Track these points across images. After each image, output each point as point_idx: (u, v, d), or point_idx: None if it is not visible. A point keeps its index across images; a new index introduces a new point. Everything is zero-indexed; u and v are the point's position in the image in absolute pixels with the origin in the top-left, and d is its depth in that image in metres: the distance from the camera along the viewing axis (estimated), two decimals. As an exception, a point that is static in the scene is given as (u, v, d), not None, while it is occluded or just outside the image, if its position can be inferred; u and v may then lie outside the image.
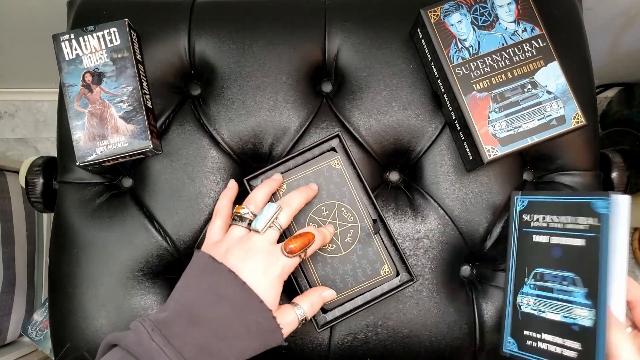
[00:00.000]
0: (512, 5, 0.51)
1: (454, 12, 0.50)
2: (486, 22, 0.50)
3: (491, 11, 0.51)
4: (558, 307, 0.46)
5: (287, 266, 0.41)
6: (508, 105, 0.49)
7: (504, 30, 0.50)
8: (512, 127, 0.49)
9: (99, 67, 0.52)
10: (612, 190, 0.57)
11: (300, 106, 0.55)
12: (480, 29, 0.50)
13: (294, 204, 0.45)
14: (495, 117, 0.49)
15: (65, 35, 0.52)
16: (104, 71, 0.52)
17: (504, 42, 0.50)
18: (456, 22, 0.50)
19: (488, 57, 0.50)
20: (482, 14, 0.50)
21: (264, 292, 0.39)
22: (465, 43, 0.50)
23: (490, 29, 0.50)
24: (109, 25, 0.52)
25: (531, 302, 0.48)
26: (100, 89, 0.52)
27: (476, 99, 0.49)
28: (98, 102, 0.52)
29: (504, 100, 0.50)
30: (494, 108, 0.49)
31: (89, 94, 0.52)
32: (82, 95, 0.52)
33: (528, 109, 0.50)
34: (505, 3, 0.51)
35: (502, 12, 0.51)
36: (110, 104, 0.52)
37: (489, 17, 0.50)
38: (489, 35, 0.50)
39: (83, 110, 0.52)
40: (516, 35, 0.50)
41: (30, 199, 0.57)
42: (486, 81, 0.50)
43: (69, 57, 0.52)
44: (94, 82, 0.52)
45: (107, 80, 0.52)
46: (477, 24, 0.50)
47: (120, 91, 0.52)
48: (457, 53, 0.50)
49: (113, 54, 0.52)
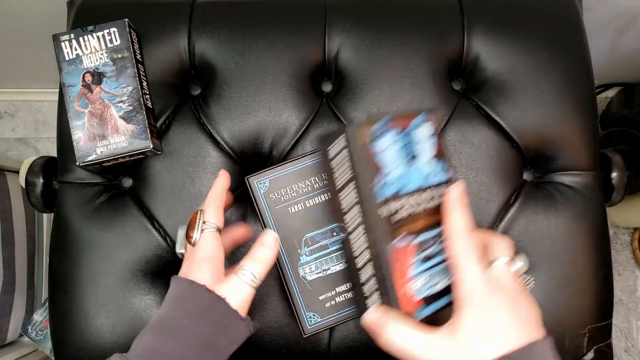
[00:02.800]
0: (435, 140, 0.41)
1: (382, 137, 0.38)
2: (411, 154, 0.39)
3: (418, 143, 0.40)
4: (339, 257, 0.48)
5: (201, 242, 0.41)
6: (430, 256, 0.39)
7: (427, 165, 0.40)
8: (431, 285, 0.39)
9: (99, 67, 0.52)
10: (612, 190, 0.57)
11: (300, 106, 0.55)
12: (408, 161, 0.39)
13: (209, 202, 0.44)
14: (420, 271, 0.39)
15: (65, 35, 0.52)
16: (104, 71, 0.52)
17: (427, 179, 0.40)
18: (381, 151, 0.38)
19: (413, 196, 0.39)
20: (409, 145, 0.40)
21: (190, 274, 0.40)
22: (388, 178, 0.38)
23: (415, 162, 0.40)
24: (109, 25, 0.52)
25: (313, 267, 0.48)
26: (100, 89, 0.52)
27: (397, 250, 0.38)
28: (98, 102, 0.52)
29: (426, 250, 0.39)
30: (418, 259, 0.39)
31: (89, 94, 0.52)
32: (82, 95, 0.52)
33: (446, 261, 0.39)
34: (430, 135, 0.41)
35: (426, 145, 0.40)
36: (110, 104, 0.51)
37: (414, 150, 0.40)
38: (415, 170, 0.39)
39: (83, 110, 0.52)
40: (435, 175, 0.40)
41: (30, 199, 0.57)
42: (410, 225, 0.39)
43: (69, 57, 0.52)
44: (94, 82, 0.52)
45: (107, 80, 0.52)
46: (405, 156, 0.39)
47: (120, 91, 0.52)
48: (380, 189, 0.38)
49: (113, 54, 0.52)
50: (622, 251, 1.15)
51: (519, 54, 0.56)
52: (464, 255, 0.36)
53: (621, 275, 1.14)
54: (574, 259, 0.54)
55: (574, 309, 0.53)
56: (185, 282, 0.40)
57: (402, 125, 0.40)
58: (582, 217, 0.54)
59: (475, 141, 0.55)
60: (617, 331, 1.12)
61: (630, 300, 1.13)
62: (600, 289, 0.55)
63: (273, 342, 0.52)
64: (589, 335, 0.53)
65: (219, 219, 0.43)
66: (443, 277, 0.40)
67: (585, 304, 0.54)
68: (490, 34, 0.57)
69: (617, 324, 1.12)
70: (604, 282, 0.55)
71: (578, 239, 0.54)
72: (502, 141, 0.55)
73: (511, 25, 0.57)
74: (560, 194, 0.55)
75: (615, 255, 1.14)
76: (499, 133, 0.55)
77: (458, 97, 0.56)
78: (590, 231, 0.55)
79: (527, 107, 0.55)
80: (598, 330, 0.54)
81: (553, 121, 0.55)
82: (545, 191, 0.55)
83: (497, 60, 0.56)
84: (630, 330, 1.12)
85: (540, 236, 0.54)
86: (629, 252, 1.15)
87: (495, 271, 0.36)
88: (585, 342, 0.53)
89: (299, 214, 0.49)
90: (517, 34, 0.57)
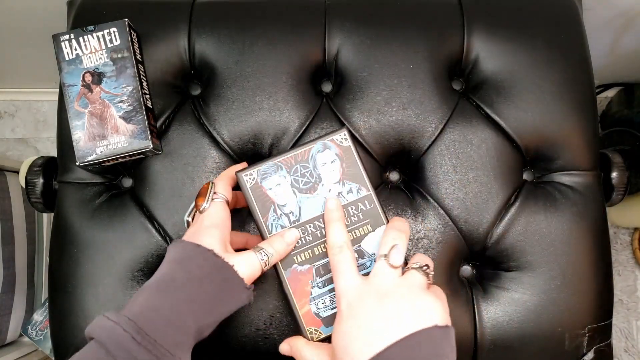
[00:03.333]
0: (337, 164, 0.44)
1: (272, 174, 0.44)
2: (308, 184, 0.44)
3: (313, 171, 0.44)
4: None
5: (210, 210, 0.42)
6: (330, 279, 0.43)
7: (327, 192, 0.44)
8: (331, 307, 0.43)
9: (98, 67, 0.52)
10: (612, 190, 0.57)
11: (300, 106, 0.55)
12: (302, 192, 0.44)
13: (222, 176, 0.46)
14: (319, 293, 0.43)
15: (65, 35, 0.52)
16: (104, 71, 0.52)
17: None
18: (275, 186, 0.44)
19: (310, 224, 0.43)
20: (303, 175, 0.44)
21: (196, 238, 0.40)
22: (284, 209, 0.44)
23: (312, 191, 0.44)
24: (109, 25, 0.52)
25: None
26: (100, 89, 0.52)
27: (297, 273, 0.43)
28: (98, 102, 0.52)
29: (328, 273, 0.43)
30: (317, 283, 0.43)
31: (89, 94, 0.52)
32: (82, 95, 0.52)
33: None
34: (328, 161, 0.44)
35: (325, 171, 0.44)
36: (110, 104, 0.51)
37: (311, 178, 0.44)
38: (312, 199, 0.44)
39: (83, 110, 0.51)
40: (341, 197, 0.44)
41: (30, 199, 0.57)
42: (308, 252, 0.43)
43: (68, 57, 0.52)
44: (93, 82, 0.52)
45: (107, 80, 0.52)
46: (298, 187, 0.44)
47: (120, 91, 0.52)
48: (275, 221, 0.43)
49: (113, 54, 0.52)
50: (622, 251, 1.15)
51: (519, 54, 0.56)
52: (337, 266, 0.39)
53: (621, 275, 1.14)
54: (574, 259, 0.54)
55: (574, 309, 0.53)
56: (190, 245, 0.39)
57: (296, 160, 0.44)
58: (582, 217, 0.54)
59: (475, 141, 0.55)
60: (617, 331, 1.12)
61: (630, 300, 1.13)
62: (600, 289, 0.55)
63: (273, 342, 0.52)
64: (589, 335, 0.53)
65: (229, 193, 0.43)
66: None
67: (585, 304, 0.54)
68: (490, 33, 0.57)
69: (617, 324, 1.12)
70: (604, 282, 0.55)
71: (578, 239, 0.54)
72: (502, 141, 0.55)
73: (511, 25, 0.57)
74: (560, 194, 0.55)
75: (615, 255, 1.14)
76: (499, 133, 0.55)
77: (458, 97, 0.57)
78: (590, 231, 0.55)
79: (527, 107, 0.55)
80: (598, 330, 0.54)
81: (553, 121, 0.55)
82: (545, 191, 0.55)
83: (497, 60, 0.56)
84: (630, 330, 1.12)
85: (540, 236, 0.54)
86: (629, 252, 1.15)
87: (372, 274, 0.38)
88: (585, 342, 0.53)
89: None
90: (517, 34, 0.57)
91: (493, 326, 0.53)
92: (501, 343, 0.53)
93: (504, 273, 0.54)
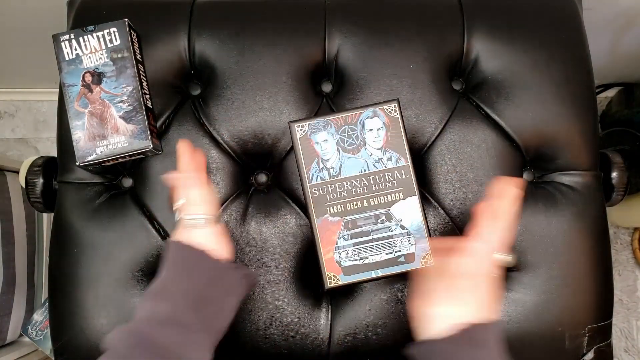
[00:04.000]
0: (382, 132, 0.48)
1: (322, 130, 0.48)
2: (352, 145, 0.48)
3: (360, 134, 0.48)
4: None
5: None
6: (358, 234, 0.48)
7: (368, 156, 0.48)
8: (358, 257, 0.47)
9: (98, 67, 0.52)
10: (612, 190, 0.57)
11: (300, 106, 0.55)
12: (346, 151, 0.48)
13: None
14: (343, 244, 0.48)
15: (65, 35, 0.52)
16: (104, 71, 0.52)
17: (366, 168, 0.48)
18: (322, 141, 0.48)
19: (347, 182, 0.48)
20: (349, 136, 0.48)
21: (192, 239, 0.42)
22: (327, 163, 0.48)
23: (355, 152, 0.48)
24: (109, 25, 0.52)
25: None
26: (100, 89, 0.52)
27: (327, 223, 0.48)
28: (98, 102, 0.52)
29: (355, 228, 0.48)
30: (343, 234, 0.48)
31: (89, 94, 0.52)
32: (82, 95, 0.52)
33: (378, 240, 0.48)
34: (375, 128, 0.48)
35: (370, 137, 0.48)
36: (110, 104, 0.51)
37: (356, 141, 0.48)
38: (353, 159, 0.48)
39: (83, 110, 0.51)
40: (380, 163, 0.48)
41: (30, 199, 0.57)
42: (341, 206, 0.48)
43: (68, 57, 0.52)
44: (93, 82, 0.52)
45: (107, 80, 0.52)
46: (343, 146, 0.48)
47: (120, 91, 0.52)
48: (317, 172, 0.48)
49: (113, 54, 0.52)
50: (622, 251, 1.15)
51: (519, 54, 0.56)
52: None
53: (621, 275, 1.14)
54: (574, 259, 0.54)
55: (574, 309, 0.53)
56: (173, 244, 0.42)
57: (345, 121, 0.49)
58: (582, 217, 0.54)
59: (475, 141, 0.55)
60: (617, 331, 1.12)
61: (630, 300, 1.13)
62: (600, 289, 0.55)
63: (273, 342, 0.52)
64: (589, 335, 0.53)
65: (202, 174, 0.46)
66: (371, 253, 0.47)
67: (585, 304, 0.54)
68: (490, 33, 0.57)
69: (617, 324, 1.12)
70: (604, 282, 0.55)
71: (578, 239, 0.54)
72: (502, 141, 0.55)
73: (511, 25, 0.57)
74: (560, 194, 0.55)
75: (615, 255, 1.14)
76: (499, 133, 0.55)
77: (458, 97, 0.56)
78: (590, 231, 0.55)
79: (527, 107, 0.55)
80: (598, 330, 0.54)
81: (553, 121, 0.55)
82: (545, 191, 0.55)
83: (497, 60, 0.56)
84: (630, 330, 1.12)
85: (540, 236, 0.54)
86: (629, 252, 1.15)
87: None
88: (585, 342, 0.53)
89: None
90: (517, 33, 0.57)
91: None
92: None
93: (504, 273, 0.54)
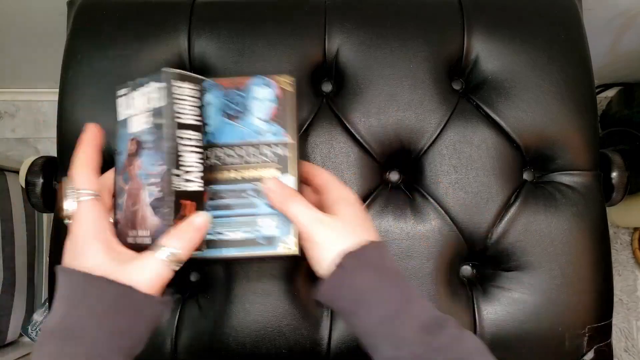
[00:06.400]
0: (271, 103, 0.44)
1: (207, 91, 0.43)
2: (236, 112, 0.44)
3: (246, 102, 0.44)
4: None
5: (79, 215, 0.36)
6: (220, 206, 0.43)
7: (250, 124, 0.43)
8: (214, 231, 0.42)
9: (141, 134, 0.40)
10: (612, 190, 0.57)
11: (299, 106, 0.55)
12: (227, 117, 0.44)
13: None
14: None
15: (123, 90, 0.42)
16: (144, 140, 0.39)
17: (245, 137, 0.43)
18: (206, 104, 0.43)
19: (221, 149, 0.43)
20: (235, 102, 0.44)
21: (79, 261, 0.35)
22: (206, 128, 0.43)
23: (237, 119, 0.44)
24: (157, 78, 0.39)
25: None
26: (139, 164, 0.40)
27: None
28: (135, 180, 0.40)
29: (218, 200, 0.43)
30: (206, 205, 0.41)
31: (131, 168, 0.40)
32: (126, 168, 0.40)
33: (239, 216, 0.42)
34: (264, 98, 0.44)
35: (257, 105, 0.44)
36: (143, 185, 0.39)
37: (241, 108, 0.44)
38: (233, 127, 0.43)
39: (124, 186, 0.41)
40: (261, 135, 0.43)
41: (30, 199, 0.57)
42: (210, 174, 0.43)
43: (120, 117, 0.42)
44: (136, 154, 0.40)
45: (146, 152, 0.39)
46: (225, 111, 0.44)
47: (154, 170, 0.38)
48: None
49: (155, 119, 0.39)
50: (622, 251, 1.15)
51: (519, 54, 0.56)
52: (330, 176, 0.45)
53: (621, 275, 1.14)
54: (574, 258, 0.54)
55: (574, 309, 0.53)
56: (80, 277, 0.34)
57: (234, 85, 0.44)
58: (582, 217, 0.54)
59: (475, 141, 0.55)
60: (617, 331, 1.12)
61: (630, 300, 1.13)
62: (600, 289, 0.55)
63: (273, 342, 0.52)
64: (589, 335, 0.53)
65: (94, 183, 0.37)
66: (229, 229, 0.42)
67: (585, 304, 0.54)
68: (490, 33, 0.57)
69: (617, 324, 1.12)
70: (604, 282, 0.55)
71: (578, 239, 0.54)
72: (502, 141, 0.55)
73: (511, 25, 0.57)
74: (560, 194, 0.55)
75: (615, 255, 1.14)
76: (499, 133, 0.55)
77: (458, 97, 0.57)
78: (590, 231, 0.55)
79: (527, 107, 0.55)
80: (598, 330, 0.54)
81: (553, 121, 0.55)
82: (545, 191, 0.55)
83: (497, 60, 0.56)
84: (630, 330, 1.12)
85: (540, 236, 0.54)
86: (629, 252, 1.15)
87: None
88: (585, 342, 0.53)
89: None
90: (517, 33, 0.57)
91: (493, 326, 0.53)
92: (501, 343, 0.53)
93: (504, 273, 0.54)
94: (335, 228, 0.40)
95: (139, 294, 0.34)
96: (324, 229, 0.39)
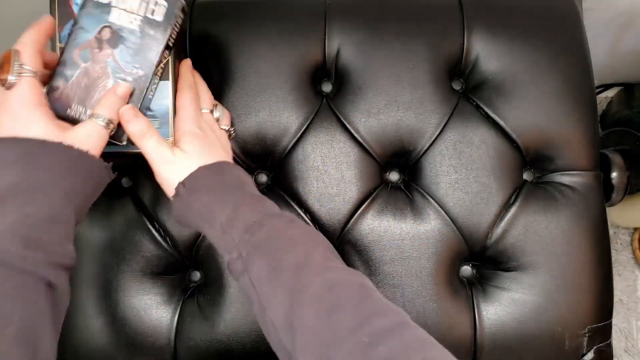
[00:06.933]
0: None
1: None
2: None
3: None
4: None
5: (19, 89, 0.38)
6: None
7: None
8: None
9: (123, 29, 0.44)
10: (612, 190, 0.57)
11: (300, 106, 0.55)
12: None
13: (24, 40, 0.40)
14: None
15: None
16: (126, 37, 0.44)
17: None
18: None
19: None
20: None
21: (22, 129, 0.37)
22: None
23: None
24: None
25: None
26: (111, 54, 0.44)
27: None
28: (100, 66, 0.44)
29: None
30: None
31: (96, 51, 0.44)
32: (88, 47, 0.44)
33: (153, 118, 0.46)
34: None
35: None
36: (110, 76, 0.44)
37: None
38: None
39: (80, 62, 0.44)
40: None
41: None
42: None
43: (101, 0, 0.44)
44: (109, 42, 0.44)
45: (123, 48, 0.44)
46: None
47: (129, 69, 0.44)
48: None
49: (146, 27, 0.44)
50: (622, 251, 1.15)
51: (519, 54, 0.56)
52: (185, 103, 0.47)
53: (621, 275, 1.14)
54: (574, 259, 0.54)
55: (574, 309, 0.53)
56: (35, 143, 0.36)
57: None
58: (582, 217, 0.54)
59: (475, 141, 0.55)
60: (617, 331, 1.12)
61: (630, 300, 1.13)
62: (600, 289, 0.55)
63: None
64: (589, 335, 0.53)
65: (39, 64, 0.39)
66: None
67: (585, 304, 0.54)
68: (490, 33, 0.57)
69: (617, 324, 1.12)
70: (604, 282, 0.55)
71: (578, 239, 0.54)
72: (502, 141, 0.55)
73: (511, 25, 0.57)
74: (560, 194, 0.55)
75: (615, 255, 1.14)
76: (499, 133, 0.55)
77: (458, 97, 0.57)
78: (590, 231, 0.55)
79: (527, 107, 0.55)
80: (598, 330, 0.54)
81: (553, 121, 0.55)
82: (545, 191, 0.55)
83: (497, 60, 0.56)
84: (630, 330, 1.12)
85: (540, 236, 0.54)
86: (629, 252, 1.15)
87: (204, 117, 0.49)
88: (585, 342, 0.53)
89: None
90: (517, 33, 0.57)
91: (493, 326, 0.53)
92: (501, 343, 0.53)
93: (504, 273, 0.54)
94: (175, 164, 0.44)
95: (91, 157, 0.39)
96: (168, 167, 0.44)
